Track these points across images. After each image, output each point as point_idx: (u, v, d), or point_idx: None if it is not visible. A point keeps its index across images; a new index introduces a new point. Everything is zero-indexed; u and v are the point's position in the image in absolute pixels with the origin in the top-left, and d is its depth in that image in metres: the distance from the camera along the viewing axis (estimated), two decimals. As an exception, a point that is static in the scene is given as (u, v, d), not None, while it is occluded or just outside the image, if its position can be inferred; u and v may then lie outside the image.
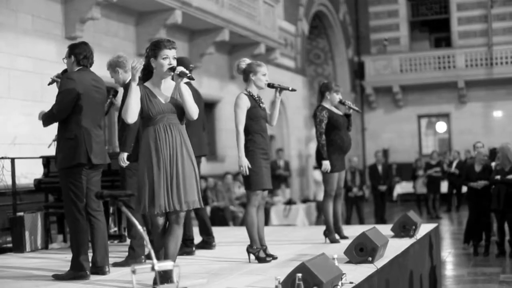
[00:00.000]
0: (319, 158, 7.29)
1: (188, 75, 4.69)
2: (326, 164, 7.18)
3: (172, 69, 4.70)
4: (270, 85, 6.15)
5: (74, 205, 5.47)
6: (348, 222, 15.16)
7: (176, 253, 4.83)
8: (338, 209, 7.57)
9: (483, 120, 25.39)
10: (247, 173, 5.88)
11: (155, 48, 4.72)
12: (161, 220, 4.74)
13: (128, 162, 6.18)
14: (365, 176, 18.15)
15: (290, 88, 6.19)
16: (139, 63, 4.64)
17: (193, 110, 4.75)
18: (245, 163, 5.88)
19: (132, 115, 4.61)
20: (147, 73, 4.80)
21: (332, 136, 7.26)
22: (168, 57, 4.69)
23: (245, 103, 5.99)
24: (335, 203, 7.52)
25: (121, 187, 6.39)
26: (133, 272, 3.07)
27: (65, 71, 5.87)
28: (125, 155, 6.14)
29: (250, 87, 6.09)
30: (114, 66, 6.38)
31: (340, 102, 7.50)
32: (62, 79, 5.58)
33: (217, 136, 16.62)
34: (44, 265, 6.35)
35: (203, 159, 7.37)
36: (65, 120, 5.53)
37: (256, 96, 6.08)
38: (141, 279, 4.96)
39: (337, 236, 7.46)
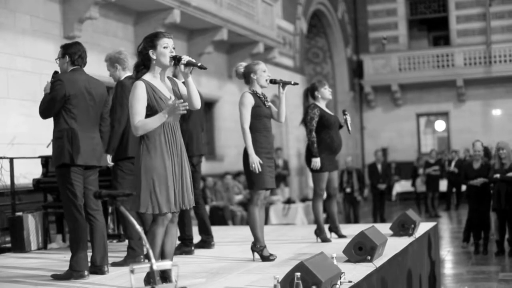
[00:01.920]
0: (309, 156, 7.26)
1: (199, 64, 4.58)
2: (316, 161, 7.13)
3: (176, 59, 4.57)
4: (272, 81, 6.17)
5: (73, 204, 5.47)
6: (348, 221, 15.17)
7: (172, 252, 4.81)
8: (334, 209, 7.56)
9: (482, 118, 25.39)
10: (260, 169, 5.88)
11: (154, 39, 4.59)
12: (168, 219, 4.68)
13: (112, 163, 6.20)
14: (364, 176, 18.12)
15: (292, 82, 6.22)
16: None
17: (198, 100, 4.71)
18: (256, 160, 5.87)
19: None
20: (142, 69, 4.65)
21: (323, 135, 7.23)
22: (169, 46, 4.58)
23: (250, 101, 5.99)
24: (330, 203, 7.51)
25: (113, 188, 6.35)
26: (132, 271, 3.07)
27: (55, 73, 5.82)
28: (109, 157, 6.14)
29: (254, 87, 6.10)
30: (113, 61, 6.33)
31: (343, 112, 7.48)
32: (54, 80, 5.55)
33: (215, 136, 16.62)
34: (43, 265, 6.35)
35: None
36: (57, 119, 5.53)
37: (260, 94, 6.09)
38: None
39: (333, 235, 7.47)
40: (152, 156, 4.53)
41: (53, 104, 5.45)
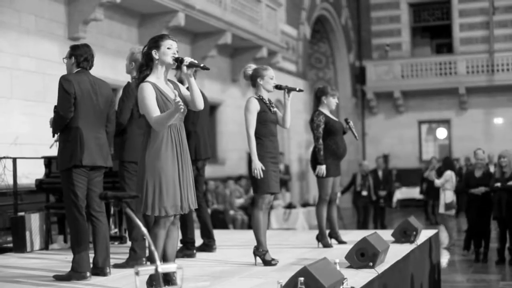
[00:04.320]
0: (314, 162, 7.29)
1: (201, 65, 4.58)
2: (322, 169, 7.16)
3: (179, 60, 4.58)
4: (277, 87, 6.16)
5: (75, 206, 5.47)
6: (365, 226, 15.03)
7: (174, 255, 4.82)
8: (334, 214, 7.56)
9: (483, 126, 25.39)
10: (261, 175, 5.89)
11: (158, 39, 4.61)
12: (170, 221, 4.68)
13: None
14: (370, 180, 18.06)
15: (297, 89, 6.21)
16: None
17: (201, 101, 4.69)
18: (259, 166, 5.88)
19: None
20: (144, 70, 4.64)
21: (328, 141, 7.26)
22: (172, 47, 4.60)
23: (255, 107, 5.99)
24: (330, 209, 7.51)
25: (121, 189, 6.37)
26: (137, 273, 3.07)
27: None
28: None
29: (260, 92, 6.11)
30: (133, 59, 6.27)
31: (346, 121, 7.48)
32: (60, 80, 5.56)
33: (218, 139, 16.63)
34: (44, 265, 6.35)
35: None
36: None
37: (266, 100, 6.10)
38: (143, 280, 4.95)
39: (334, 241, 7.46)
40: (159, 157, 4.53)
41: (70, 101, 5.44)
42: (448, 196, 14.02)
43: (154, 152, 4.54)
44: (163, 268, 3.17)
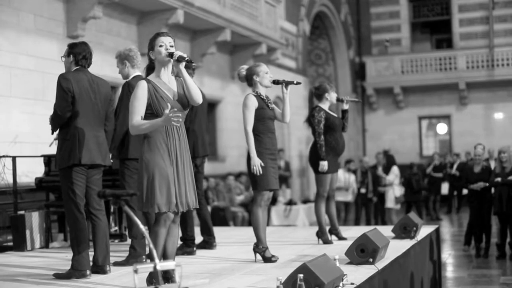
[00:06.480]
0: (313, 158, 7.30)
1: (186, 58, 4.62)
2: (324, 165, 7.19)
3: (171, 55, 4.64)
4: (275, 82, 6.17)
5: (74, 204, 5.47)
6: (357, 222, 15.15)
7: (174, 253, 4.82)
8: (333, 210, 7.57)
9: (484, 122, 25.37)
10: (260, 172, 5.89)
11: (152, 40, 4.74)
12: (170, 219, 4.67)
13: (112, 162, 6.19)
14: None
15: (295, 82, 6.21)
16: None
17: (198, 94, 4.70)
18: (258, 162, 5.88)
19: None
20: (150, 71, 4.80)
21: (327, 137, 7.28)
22: (164, 44, 4.67)
23: (253, 104, 5.99)
24: (329, 205, 7.52)
25: (121, 187, 6.38)
26: (135, 271, 3.07)
27: None
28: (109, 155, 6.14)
29: (257, 89, 6.11)
30: (123, 58, 6.31)
31: (338, 100, 7.50)
32: (58, 78, 5.56)
33: (218, 136, 16.62)
34: (44, 264, 6.36)
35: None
36: None
37: (264, 96, 6.10)
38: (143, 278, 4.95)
39: (334, 237, 7.47)
40: (153, 154, 4.57)
41: (68, 100, 5.44)
42: (396, 190, 14.19)
43: (150, 150, 4.58)
44: (161, 265, 3.17)
